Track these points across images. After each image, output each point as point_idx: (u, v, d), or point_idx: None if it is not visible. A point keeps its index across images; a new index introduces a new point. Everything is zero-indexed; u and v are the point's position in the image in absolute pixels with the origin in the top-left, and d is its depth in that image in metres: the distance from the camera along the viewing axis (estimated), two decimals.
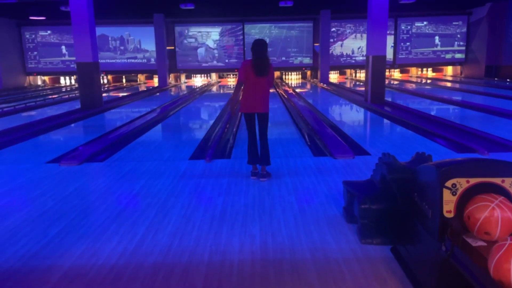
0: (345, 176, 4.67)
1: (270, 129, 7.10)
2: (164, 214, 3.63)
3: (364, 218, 3.06)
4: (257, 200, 3.97)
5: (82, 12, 10.52)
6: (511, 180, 2.09)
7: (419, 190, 2.48)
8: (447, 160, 2.30)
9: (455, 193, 2.10)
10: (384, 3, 10.61)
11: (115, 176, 4.88)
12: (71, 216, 3.62)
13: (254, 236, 3.16)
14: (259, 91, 4.49)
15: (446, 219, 2.11)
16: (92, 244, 3.05)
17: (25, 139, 7.35)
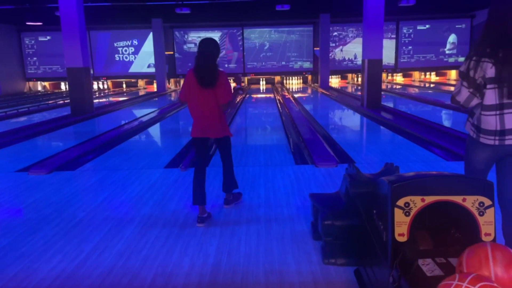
0: (323, 186, 4.39)
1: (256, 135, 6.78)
2: (119, 229, 3.37)
3: (327, 235, 2.77)
4: (223, 213, 3.70)
5: (72, 17, 10.37)
6: (474, 198, 1.80)
7: (377, 208, 2.19)
8: (406, 174, 2.02)
9: (408, 213, 1.82)
10: (380, 5, 10.32)
11: (82, 186, 4.65)
12: (20, 231, 3.38)
13: (208, 256, 2.89)
14: (206, 108, 3.42)
15: (398, 244, 1.83)
16: (30, 264, 2.80)
17: (5, 146, 7.16)
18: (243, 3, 15.17)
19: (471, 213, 1.80)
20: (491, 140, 2.30)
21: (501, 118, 2.25)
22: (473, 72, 2.28)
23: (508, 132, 2.26)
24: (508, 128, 2.25)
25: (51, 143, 7.84)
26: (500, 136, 2.27)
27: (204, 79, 3.36)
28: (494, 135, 2.28)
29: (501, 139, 2.27)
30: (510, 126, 2.25)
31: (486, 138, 2.31)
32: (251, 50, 20.81)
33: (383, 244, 1.99)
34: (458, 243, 1.87)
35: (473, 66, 2.29)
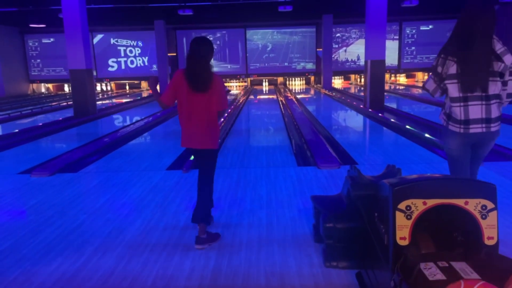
0: (326, 188, 4.37)
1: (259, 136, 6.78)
2: (119, 231, 3.36)
3: (329, 238, 2.75)
4: (224, 215, 3.68)
5: (75, 19, 10.41)
6: (476, 201, 1.78)
7: (378, 210, 2.17)
8: (407, 177, 1.99)
9: (410, 216, 1.80)
10: (383, 6, 10.30)
11: (83, 189, 4.65)
12: (21, 233, 3.38)
13: (209, 258, 2.87)
14: (196, 115, 3.00)
15: (399, 247, 1.80)
16: (30, 267, 2.79)
17: (8, 148, 7.18)
18: (246, 5, 15.17)
19: (473, 216, 1.78)
20: (457, 128, 2.62)
21: (465, 109, 2.55)
22: (440, 68, 2.62)
23: (472, 122, 2.55)
24: (472, 118, 2.55)
25: (54, 145, 7.86)
26: (465, 125, 2.58)
27: (197, 82, 2.95)
28: (459, 123, 2.60)
29: (465, 127, 2.58)
30: (474, 116, 2.54)
31: (453, 126, 2.64)
32: (254, 51, 20.81)
33: (384, 247, 1.96)
34: (461, 247, 1.84)
35: (440, 63, 2.62)
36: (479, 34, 2.51)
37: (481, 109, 2.53)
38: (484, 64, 2.50)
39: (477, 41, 2.50)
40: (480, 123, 2.56)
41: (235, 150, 6.50)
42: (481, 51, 2.50)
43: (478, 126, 2.56)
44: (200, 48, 2.96)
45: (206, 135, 3.05)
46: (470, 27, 2.52)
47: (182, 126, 3.12)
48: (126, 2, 14.41)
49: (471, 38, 2.52)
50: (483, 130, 2.57)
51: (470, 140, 2.63)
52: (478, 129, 2.57)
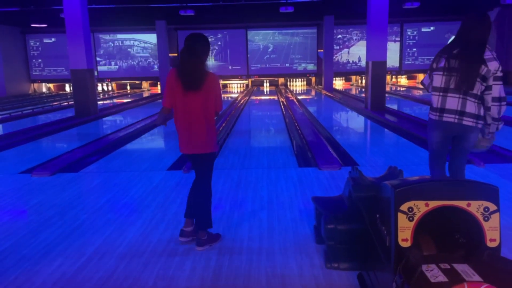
0: (327, 189, 4.36)
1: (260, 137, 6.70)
2: (120, 232, 3.36)
3: (330, 239, 2.74)
4: (225, 215, 3.68)
5: (77, 19, 10.41)
6: (479, 203, 1.77)
7: (380, 212, 2.16)
8: (409, 178, 1.99)
9: (412, 218, 1.79)
10: (384, 7, 10.29)
11: (84, 189, 4.65)
12: (21, 233, 3.37)
13: (210, 259, 2.87)
14: (191, 115, 2.85)
15: (401, 249, 1.80)
16: (30, 267, 2.79)
17: (9, 147, 7.18)
18: (247, 5, 15.18)
19: (475, 218, 1.77)
20: (434, 115, 2.97)
21: (443, 99, 2.89)
22: (435, 64, 2.98)
23: (446, 111, 2.89)
24: (447, 108, 2.88)
25: (55, 145, 7.85)
26: (440, 113, 2.92)
27: (188, 79, 2.79)
28: (436, 111, 2.95)
29: (440, 115, 2.92)
30: (449, 107, 2.87)
31: (432, 114, 3.00)
32: (255, 52, 20.82)
33: (386, 249, 1.96)
34: (463, 249, 1.84)
35: (435, 60, 3.00)
36: (475, 42, 2.80)
37: (458, 102, 2.84)
38: (475, 69, 2.75)
39: (471, 48, 2.80)
40: (453, 114, 2.86)
41: (236, 151, 6.49)
42: (474, 57, 2.77)
43: (451, 116, 2.87)
44: (192, 44, 2.82)
45: (202, 138, 2.89)
46: (467, 36, 2.82)
47: (178, 129, 2.96)
48: (127, 2, 14.42)
49: (467, 44, 2.83)
50: (455, 120, 2.87)
51: (446, 130, 2.94)
52: (451, 119, 2.87)
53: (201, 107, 2.85)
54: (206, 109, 2.87)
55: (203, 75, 2.82)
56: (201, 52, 2.85)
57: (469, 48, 2.80)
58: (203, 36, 2.91)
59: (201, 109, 2.85)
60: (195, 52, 2.81)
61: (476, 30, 2.80)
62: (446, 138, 2.99)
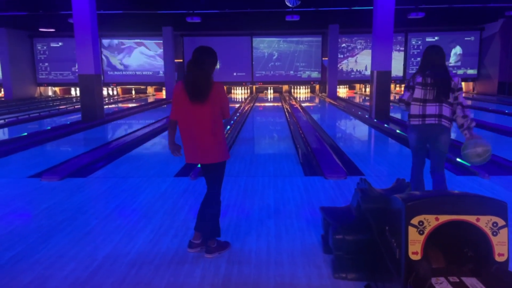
0: (333, 198, 4.41)
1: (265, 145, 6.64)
2: (130, 238, 3.41)
3: (338, 249, 2.79)
4: (233, 223, 3.73)
5: (85, 25, 10.55)
6: (488, 218, 1.82)
7: (390, 224, 2.21)
8: (418, 192, 2.04)
9: (422, 232, 1.84)
10: (389, 17, 10.39)
11: (93, 194, 4.71)
12: (33, 237, 3.43)
13: (219, 267, 2.91)
14: (197, 127, 2.90)
15: (411, 262, 1.84)
16: (43, 271, 2.84)
17: (18, 151, 7.26)
18: (253, 13, 15.31)
19: (484, 233, 1.82)
20: (417, 121, 3.61)
21: (423, 107, 3.57)
22: (412, 82, 3.69)
23: (427, 116, 3.56)
24: (428, 114, 3.55)
25: (63, 149, 7.93)
26: (422, 118, 3.58)
27: (194, 91, 2.85)
28: (418, 117, 3.60)
29: (423, 120, 3.58)
30: (430, 112, 3.55)
31: (414, 120, 3.63)
32: (260, 59, 20.94)
33: (396, 261, 2.00)
34: (471, 263, 1.88)
35: (411, 79, 3.72)
36: (438, 66, 3.60)
37: (436, 108, 3.54)
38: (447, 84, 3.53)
39: (437, 69, 3.58)
40: (434, 117, 3.54)
41: (242, 158, 6.55)
42: (444, 76, 3.55)
43: (432, 119, 3.54)
44: (199, 57, 2.88)
45: (211, 148, 2.93)
46: (432, 61, 3.61)
47: (186, 140, 3.00)
48: (136, 8, 14.58)
49: (433, 67, 3.60)
50: (436, 122, 3.54)
51: (426, 132, 3.60)
52: (432, 121, 3.54)
53: (209, 118, 2.89)
54: (213, 119, 2.91)
55: (209, 87, 2.87)
56: (208, 64, 2.90)
57: (436, 68, 3.58)
58: (210, 49, 2.98)
59: (209, 120, 2.90)
60: (201, 65, 2.87)
61: (437, 56, 3.62)
62: (425, 138, 3.67)
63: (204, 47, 2.99)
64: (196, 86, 2.85)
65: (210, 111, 2.88)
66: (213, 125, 2.91)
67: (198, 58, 2.89)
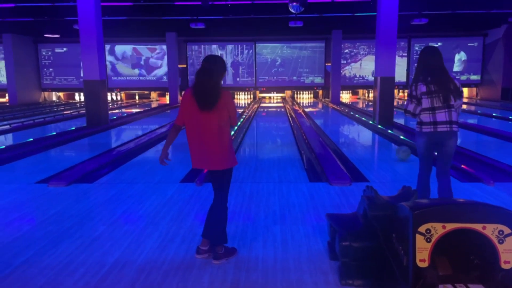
0: (338, 205, 4.44)
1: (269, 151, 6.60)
2: (138, 244, 3.45)
3: (344, 256, 2.82)
4: (239, 230, 3.76)
5: (91, 31, 10.65)
6: (494, 226, 1.85)
7: (397, 232, 2.24)
8: (424, 200, 2.07)
9: (430, 239, 1.87)
10: (393, 24, 10.45)
11: (100, 199, 4.75)
12: (42, 243, 3.47)
13: (226, 273, 2.95)
14: (205, 134, 2.97)
15: (419, 269, 1.87)
16: (54, 277, 2.88)
17: (24, 157, 7.32)
18: (257, 19, 15.41)
19: (490, 240, 1.85)
20: (428, 128, 3.60)
21: (433, 115, 3.57)
22: (414, 92, 3.66)
23: (439, 123, 3.56)
24: (439, 121, 3.56)
25: (68, 155, 7.99)
26: (434, 126, 3.58)
27: (202, 99, 2.92)
28: (430, 125, 3.58)
29: (434, 127, 3.57)
30: (439, 119, 3.55)
31: (426, 128, 3.62)
32: (263, 65, 21.04)
33: (403, 268, 2.03)
34: (478, 270, 1.91)
35: (414, 89, 3.67)
36: (438, 68, 3.59)
37: (446, 114, 3.55)
38: (451, 87, 3.55)
39: (437, 73, 3.58)
40: (445, 124, 3.55)
41: (246, 164, 6.59)
42: (447, 79, 3.57)
43: (444, 126, 3.55)
44: (207, 66, 2.95)
45: (218, 154, 2.99)
46: (429, 64, 3.61)
47: (192, 146, 3.07)
48: (140, 14, 14.70)
49: (433, 71, 3.59)
50: (447, 129, 3.55)
51: (436, 138, 3.60)
52: (444, 128, 3.55)
53: (216, 125, 2.96)
54: (221, 126, 2.98)
55: (217, 95, 2.94)
56: (216, 72, 2.96)
57: (436, 73, 3.58)
58: (219, 58, 3.07)
59: (216, 127, 2.97)
60: (209, 73, 2.93)
61: (435, 58, 3.60)
62: (434, 144, 3.68)
63: (213, 56, 3.08)
64: (205, 95, 2.93)
65: (217, 118, 2.96)
66: (220, 132, 2.98)
67: (206, 67, 2.96)
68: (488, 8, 14.47)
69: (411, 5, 13.14)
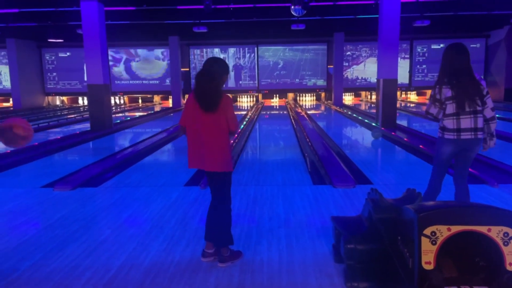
0: (342, 207, 4.45)
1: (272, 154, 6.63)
2: (144, 247, 3.47)
3: (350, 259, 2.83)
4: (244, 233, 3.78)
5: (95, 36, 10.72)
6: (499, 229, 1.86)
7: (402, 234, 2.26)
8: (429, 203, 2.09)
9: (435, 242, 1.89)
10: (395, 26, 10.47)
11: (106, 203, 4.78)
12: (49, 247, 3.50)
13: (232, 276, 2.97)
14: (206, 135, 3.00)
15: (424, 271, 1.89)
16: (61, 281, 2.91)
17: (29, 161, 7.37)
18: (259, 23, 15.46)
19: (495, 243, 1.86)
20: (452, 135, 3.39)
21: (457, 121, 3.36)
22: (438, 95, 3.43)
23: (462, 130, 3.36)
24: (463, 127, 3.36)
25: (73, 159, 8.04)
26: (457, 133, 3.37)
27: (203, 101, 2.97)
28: (453, 132, 3.38)
29: (457, 134, 3.37)
30: (464, 126, 3.35)
31: (448, 134, 3.41)
32: (265, 68, 21.09)
33: (408, 270, 2.05)
34: (483, 272, 1.92)
35: (438, 92, 3.43)
36: (465, 69, 3.36)
37: (471, 121, 3.35)
38: (478, 92, 3.34)
39: (464, 75, 3.36)
40: (470, 131, 3.36)
41: (250, 167, 6.61)
42: (474, 82, 3.36)
43: (468, 133, 3.36)
44: (208, 68, 2.99)
45: (216, 156, 3.01)
46: (454, 64, 3.38)
47: (190, 146, 3.12)
48: (143, 18, 14.78)
49: (458, 72, 3.36)
50: (472, 136, 3.36)
51: (459, 146, 3.42)
52: (468, 136, 3.36)
53: (215, 128, 3.00)
54: (220, 129, 3.01)
55: (217, 98, 2.96)
56: (216, 75, 2.98)
57: (463, 76, 3.36)
58: (221, 60, 3.10)
59: (215, 130, 3.00)
60: (209, 75, 2.96)
61: (462, 58, 3.37)
62: (458, 152, 3.49)
63: (214, 58, 3.11)
64: (205, 96, 2.96)
65: (217, 120, 2.99)
66: (220, 134, 3.01)
67: (206, 69, 3.00)
68: (490, 9, 14.47)
69: (413, 7, 13.16)
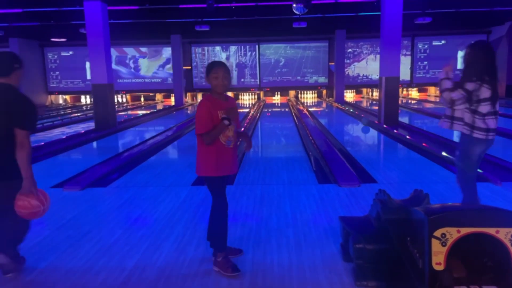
0: (348, 206, 4.52)
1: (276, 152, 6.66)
2: (156, 247, 3.55)
3: (359, 258, 2.90)
4: (253, 233, 3.85)
5: (98, 35, 10.78)
6: (507, 230, 1.94)
7: (411, 235, 2.33)
8: (438, 205, 2.16)
9: (445, 243, 1.96)
10: (397, 23, 10.51)
11: (116, 203, 4.86)
12: (63, 247, 3.58)
13: (243, 276, 3.04)
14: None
15: (435, 272, 1.96)
16: (77, 281, 2.99)
17: (36, 161, 7.44)
18: (261, 21, 15.50)
19: (504, 244, 1.93)
20: (483, 135, 3.33)
21: (485, 121, 3.31)
22: (475, 92, 3.30)
23: (491, 131, 3.33)
24: (491, 128, 3.32)
25: (80, 158, 8.13)
26: (486, 133, 3.32)
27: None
28: (483, 131, 3.32)
29: (487, 134, 3.33)
30: (491, 126, 3.33)
31: (478, 134, 3.33)
32: (266, 66, 21.14)
33: (418, 270, 2.12)
34: (491, 272, 2.00)
35: (475, 88, 3.31)
36: (496, 69, 3.36)
37: (495, 122, 3.35)
38: (497, 89, 3.36)
39: (496, 74, 3.36)
40: (493, 132, 3.35)
41: (256, 166, 6.68)
42: (496, 81, 3.36)
43: (492, 134, 3.35)
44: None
45: (197, 160, 3.12)
46: (494, 64, 3.35)
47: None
48: (145, 17, 14.83)
49: (493, 72, 3.34)
50: (494, 137, 3.37)
51: (486, 146, 3.40)
52: (492, 136, 3.35)
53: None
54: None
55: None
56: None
57: (494, 74, 3.34)
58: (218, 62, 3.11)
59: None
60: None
61: (494, 58, 3.36)
62: (483, 151, 3.47)
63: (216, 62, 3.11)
64: None
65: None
66: (198, 138, 3.07)
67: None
68: (491, 5, 14.49)
69: (414, 4, 13.18)
